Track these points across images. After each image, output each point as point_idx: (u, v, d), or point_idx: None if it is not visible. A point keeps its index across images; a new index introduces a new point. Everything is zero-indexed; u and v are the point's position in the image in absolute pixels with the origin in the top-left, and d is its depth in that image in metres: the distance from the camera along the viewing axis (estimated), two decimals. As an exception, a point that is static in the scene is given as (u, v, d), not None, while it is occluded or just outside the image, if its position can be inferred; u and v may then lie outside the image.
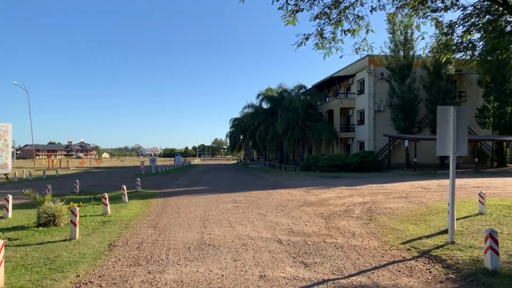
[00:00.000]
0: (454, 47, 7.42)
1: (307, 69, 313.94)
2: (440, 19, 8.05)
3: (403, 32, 32.55)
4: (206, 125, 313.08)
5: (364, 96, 36.05)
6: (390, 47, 33.09)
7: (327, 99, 43.07)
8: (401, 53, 32.77)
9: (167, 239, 7.60)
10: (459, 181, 20.50)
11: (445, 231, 7.81)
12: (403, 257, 6.28)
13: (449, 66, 32.35)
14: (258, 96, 46.80)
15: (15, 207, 12.27)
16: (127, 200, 13.45)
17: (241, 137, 74.65)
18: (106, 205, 10.74)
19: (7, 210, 10.35)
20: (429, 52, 8.69)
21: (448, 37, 7.55)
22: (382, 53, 33.55)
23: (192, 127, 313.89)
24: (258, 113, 47.28)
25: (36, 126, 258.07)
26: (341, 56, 38.29)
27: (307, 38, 8.10)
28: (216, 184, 21.43)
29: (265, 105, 47.88)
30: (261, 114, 46.53)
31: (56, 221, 8.94)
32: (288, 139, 38.37)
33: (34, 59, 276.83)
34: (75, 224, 7.69)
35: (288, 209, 11.39)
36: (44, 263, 6.00)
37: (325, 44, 8.32)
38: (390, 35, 32.89)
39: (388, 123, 34.19)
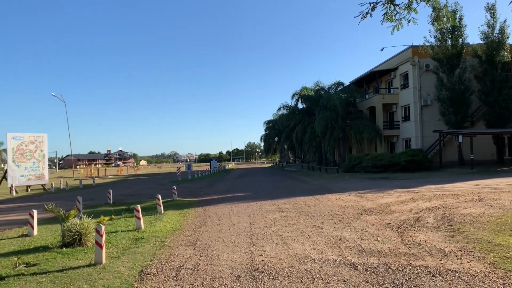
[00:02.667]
0: None
1: (343, 68, 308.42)
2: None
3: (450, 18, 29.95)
4: (239, 129, 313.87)
5: (409, 90, 33.56)
6: (436, 36, 30.55)
7: (367, 95, 40.74)
8: (449, 41, 30.15)
9: (210, 263, 6.18)
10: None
11: None
12: (535, 290, 4.54)
13: (504, 53, 29.44)
14: (293, 96, 45.04)
15: (43, 222, 11.37)
16: (162, 211, 12.24)
17: (276, 140, 73.26)
18: (139, 218, 9.52)
19: (32, 227, 9.32)
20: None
21: None
22: (427, 43, 31.10)
23: (226, 132, 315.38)
24: (294, 114, 45.50)
25: (77, 136, 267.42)
26: (382, 49, 36.44)
27: (373, 8, 6.53)
28: (256, 190, 19.99)
29: (300, 105, 46.08)
30: (297, 114, 44.72)
31: (82, 239, 7.76)
32: (328, 139, 36.35)
33: (73, 74, 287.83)
34: (100, 246, 6.42)
35: (346, 219, 9.74)
36: (58, 301, 4.73)
37: (395, 15, 6.72)
38: (436, 23, 30.29)
39: (436, 118, 31.59)
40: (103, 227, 6.57)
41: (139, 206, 9.64)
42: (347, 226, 8.83)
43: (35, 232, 9.34)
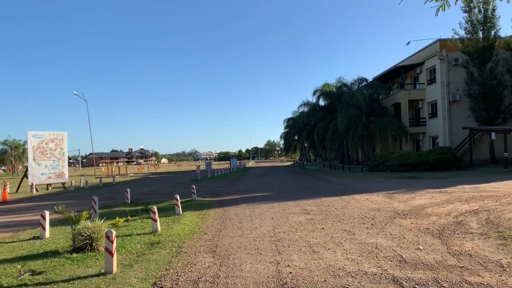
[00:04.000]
0: None
1: (366, 64, 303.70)
2: None
3: (482, 9, 28.41)
4: (259, 128, 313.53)
5: (436, 86, 32.13)
6: (466, 28, 29.10)
7: (391, 92, 39.42)
8: (480, 34, 28.65)
9: (231, 275, 5.49)
10: None
11: None
12: None
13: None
14: (314, 92, 43.95)
15: (58, 223, 10.94)
16: (181, 212, 11.65)
17: (296, 137, 72.40)
18: (156, 220, 8.93)
19: (44, 228, 8.85)
20: None
21: None
22: (456, 36, 29.67)
23: (246, 130, 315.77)
24: (315, 111, 44.46)
25: (100, 135, 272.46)
26: (408, 43, 35.00)
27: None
28: (277, 189, 19.24)
29: (322, 102, 45.00)
30: (319, 111, 43.68)
31: (94, 244, 7.22)
32: (351, 136, 35.24)
33: (97, 75, 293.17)
34: (111, 254, 5.82)
35: (379, 223, 8.90)
36: (59, 320, 4.13)
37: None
38: (466, 14, 28.90)
39: (465, 114, 30.11)
40: (114, 233, 5.97)
41: (155, 207, 9.04)
42: (382, 231, 8.00)
43: (47, 234, 8.87)
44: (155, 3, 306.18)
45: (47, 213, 8.94)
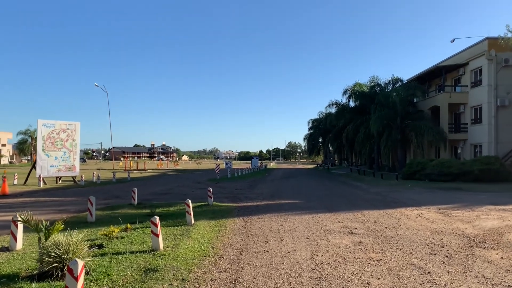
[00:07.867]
0: None
1: (397, 66, 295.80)
2: None
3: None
4: (280, 129, 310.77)
5: (482, 89, 29.09)
6: (521, 24, 26.08)
7: (428, 94, 36.45)
8: (537, 31, 25.57)
9: None
10: None
11: None
12: None
13: None
14: (344, 92, 41.29)
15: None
16: (192, 221, 9.54)
17: (320, 140, 69.85)
18: (157, 235, 6.81)
19: (15, 238, 6.91)
20: None
21: None
22: (509, 34, 26.63)
23: (267, 131, 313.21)
24: (344, 112, 41.83)
25: (124, 130, 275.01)
26: (453, 40, 31.94)
27: None
28: (306, 196, 16.95)
29: (352, 103, 42.31)
30: (348, 113, 41.04)
31: (65, 270, 5.19)
32: (385, 140, 32.44)
33: (125, 72, 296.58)
34: (74, 296, 3.76)
35: (455, 255, 6.54)
36: None
37: None
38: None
39: (515, 121, 27.10)
40: (81, 264, 3.90)
41: (157, 218, 6.89)
42: (467, 270, 5.66)
43: (18, 245, 6.92)
44: (183, 4, 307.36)
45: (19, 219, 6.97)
